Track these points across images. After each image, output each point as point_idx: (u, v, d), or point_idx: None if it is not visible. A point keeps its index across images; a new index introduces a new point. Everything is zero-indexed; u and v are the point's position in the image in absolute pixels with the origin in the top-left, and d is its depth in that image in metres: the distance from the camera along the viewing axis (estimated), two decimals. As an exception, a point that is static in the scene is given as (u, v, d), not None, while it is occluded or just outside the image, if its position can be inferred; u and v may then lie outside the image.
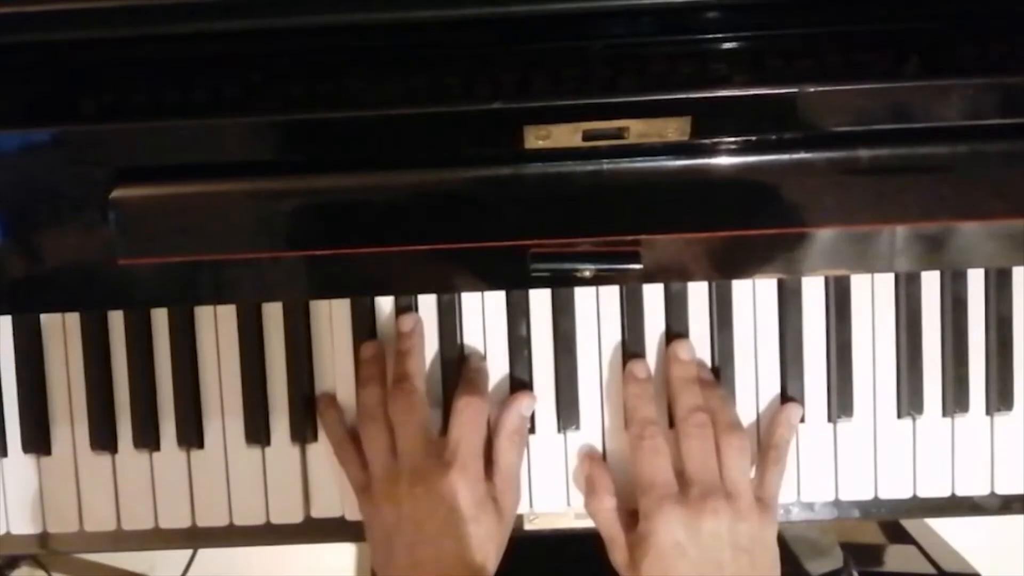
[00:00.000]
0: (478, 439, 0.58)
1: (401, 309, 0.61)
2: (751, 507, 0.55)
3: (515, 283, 0.58)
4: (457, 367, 0.61)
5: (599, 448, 0.61)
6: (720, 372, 0.61)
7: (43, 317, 0.62)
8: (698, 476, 0.56)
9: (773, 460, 0.59)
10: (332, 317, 0.61)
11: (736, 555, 0.54)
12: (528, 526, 0.62)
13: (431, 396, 0.61)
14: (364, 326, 0.61)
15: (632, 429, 0.59)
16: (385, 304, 0.61)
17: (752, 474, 0.59)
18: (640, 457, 0.58)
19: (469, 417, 0.58)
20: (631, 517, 0.58)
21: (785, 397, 0.60)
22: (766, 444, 0.59)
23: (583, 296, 0.61)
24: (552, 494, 0.61)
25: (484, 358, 0.61)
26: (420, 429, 0.57)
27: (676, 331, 0.60)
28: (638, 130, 0.50)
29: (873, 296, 0.60)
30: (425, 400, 0.59)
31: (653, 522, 0.55)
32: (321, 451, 0.62)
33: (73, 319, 0.61)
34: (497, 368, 0.61)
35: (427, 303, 0.61)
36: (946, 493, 0.61)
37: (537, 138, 0.50)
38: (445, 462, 0.56)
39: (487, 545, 0.56)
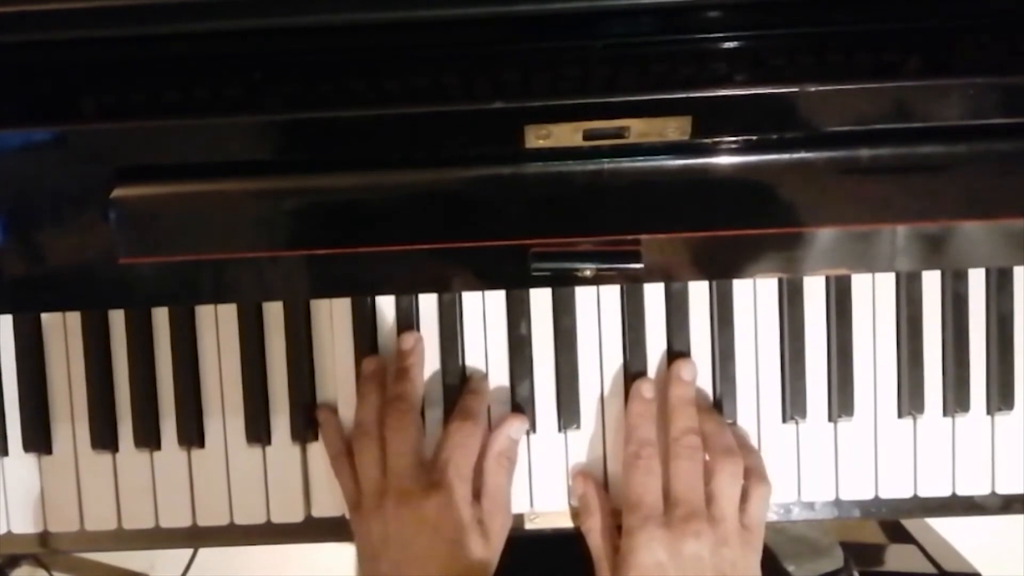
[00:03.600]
0: (466, 462, 0.58)
1: (402, 310, 0.61)
2: (736, 532, 0.55)
3: (516, 282, 0.58)
4: (457, 368, 0.61)
5: (599, 448, 0.61)
6: (720, 372, 0.61)
7: (44, 317, 0.62)
8: (684, 497, 0.56)
9: (755, 484, 0.58)
10: (332, 317, 0.61)
11: None
12: (528, 525, 0.62)
13: (431, 396, 0.61)
14: (364, 326, 0.61)
15: (629, 447, 0.59)
16: (386, 304, 0.61)
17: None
18: (632, 475, 0.58)
19: (459, 440, 0.58)
20: (620, 538, 0.57)
21: (785, 397, 0.60)
22: (747, 470, 0.59)
23: (584, 295, 0.61)
24: (552, 494, 0.61)
25: (485, 377, 0.61)
26: (411, 448, 0.57)
27: (677, 334, 0.60)
28: (639, 129, 0.50)
29: (874, 296, 0.60)
30: (419, 420, 0.59)
31: (636, 540, 0.55)
32: (322, 451, 0.62)
33: (74, 319, 0.61)
34: (497, 368, 0.61)
35: (427, 303, 0.61)
36: (947, 493, 0.61)
37: (538, 137, 0.50)
38: (432, 483, 0.56)
39: (472, 566, 0.56)
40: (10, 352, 0.62)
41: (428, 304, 0.61)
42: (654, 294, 0.61)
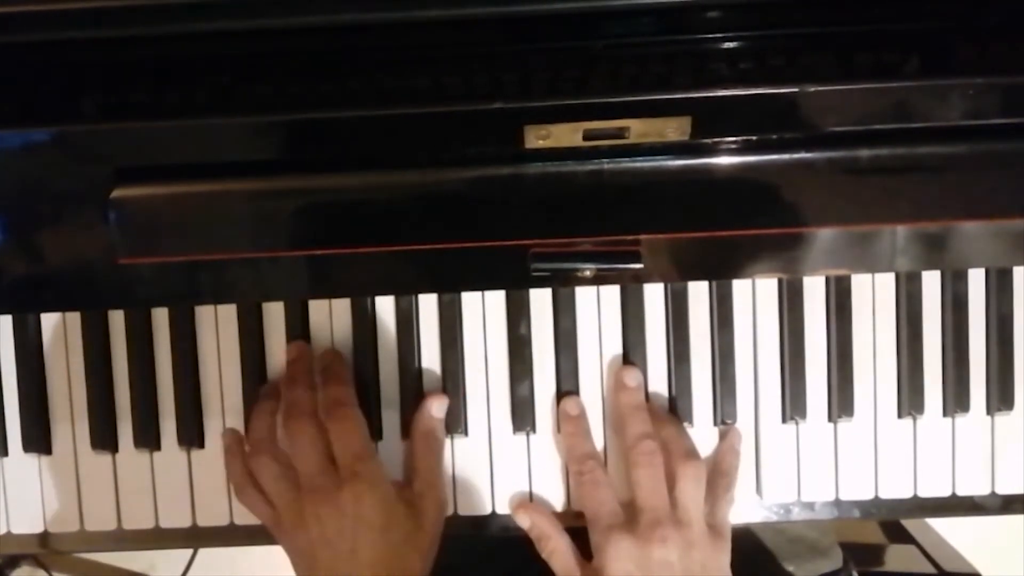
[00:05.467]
0: (360, 443, 0.57)
1: (401, 310, 0.61)
2: (703, 535, 0.55)
3: (516, 283, 0.58)
4: (456, 369, 0.61)
5: (600, 447, 0.61)
6: (720, 372, 0.61)
7: (43, 317, 0.62)
8: (647, 504, 0.55)
9: (723, 488, 0.59)
10: (332, 317, 0.61)
11: None
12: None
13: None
14: (364, 326, 0.61)
15: (571, 467, 0.59)
16: (385, 305, 0.61)
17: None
18: (582, 493, 0.58)
19: (342, 432, 0.57)
20: (587, 555, 0.57)
21: (785, 397, 0.61)
22: (715, 472, 0.59)
23: (583, 295, 0.61)
24: (551, 494, 0.61)
25: (337, 355, 0.60)
26: (312, 451, 0.56)
27: (677, 334, 0.60)
28: (638, 130, 0.50)
29: (874, 296, 0.60)
30: (317, 421, 0.57)
31: (604, 556, 0.55)
32: (321, 451, 0.61)
33: (73, 319, 0.61)
34: (497, 369, 0.61)
35: (427, 303, 0.61)
36: (946, 493, 0.61)
37: (537, 138, 0.50)
38: (340, 477, 0.55)
39: (406, 551, 0.55)
40: (10, 352, 0.62)
41: (428, 304, 0.61)
42: (654, 294, 0.61)
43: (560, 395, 0.61)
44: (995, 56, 0.51)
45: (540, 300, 0.61)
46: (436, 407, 0.60)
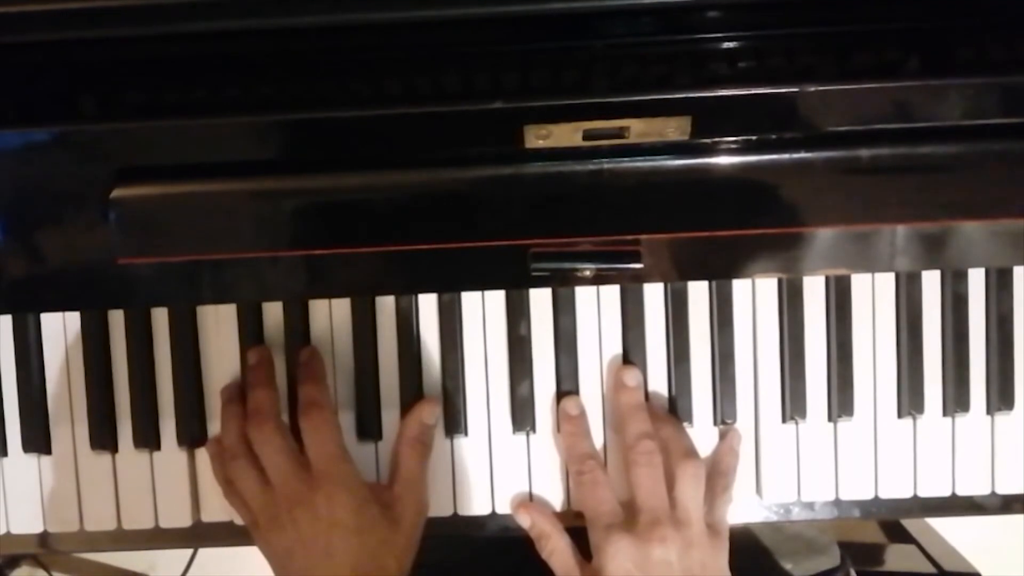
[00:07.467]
0: (333, 445, 0.57)
1: (401, 310, 0.61)
2: (702, 534, 0.55)
3: (515, 283, 0.58)
4: (457, 369, 0.61)
5: (600, 447, 0.61)
6: (720, 372, 0.61)
7: (43, 317, 0.62)
8: (646, 504, 0.55)
9: (721, 488, 0.59)
10: (332, 317, 0.61)
11: None
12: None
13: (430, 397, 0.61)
14: (364, 326, 0.61)
15: (571, 467, 0.59)
16: (385, 304, 0.61)
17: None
18: (582, 493, 0.58)
19: (315, 433, 0.57)
20: (587, 555, 0.57)
21: (785, 397, 0.61)
22: (714, 472, 0.59)
23: (583, 295, 0.61)
24: (551, 494, 0.61)
25: (319, 357, 0.60)
26: (284, 455, 0.57)
27: (677, 334, 0.60)
28: (638, 129, 0.50)
29: (873, 296, 0.60)
30: (282, 425, 0.58)
31: (603, 555, 0.55)
32: (321, 451, 0.61)
33: (73, 319, 0.61)
34: (497, 369, 0.61)
35: (427, 303, 0.61)
36: (946, 493, 0.61)
37: (537, 137, 0.50)
38: (313, 480, 0.56)
39: (381, 552, 0.55)
40: (9, 352, 0.62)
41: (428, 304, 0.61)
42: (654, 294, 0.61)
43: (560, 395, 0.61)
44: (995, 56, 0.51)
45: (540, 300, 0.61)
46: (427, 413, 0.60)
